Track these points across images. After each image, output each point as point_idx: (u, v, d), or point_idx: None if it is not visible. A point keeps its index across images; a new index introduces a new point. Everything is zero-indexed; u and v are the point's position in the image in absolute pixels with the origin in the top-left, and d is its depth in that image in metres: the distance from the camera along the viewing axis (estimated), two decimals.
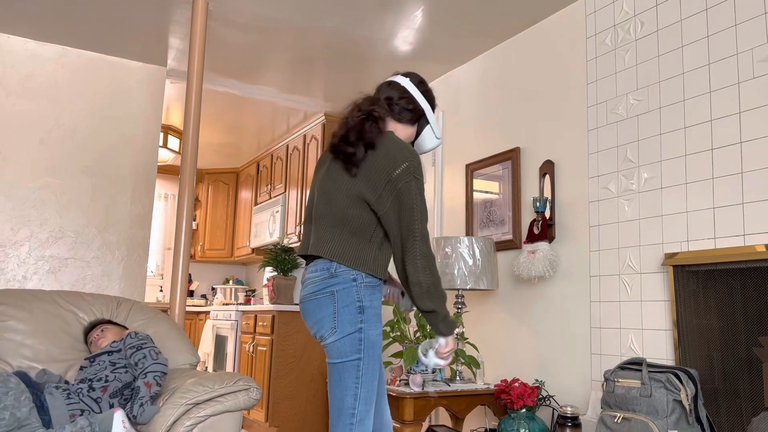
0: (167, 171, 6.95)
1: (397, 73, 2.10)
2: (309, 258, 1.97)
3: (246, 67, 4.32)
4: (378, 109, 1.95)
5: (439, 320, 1.86)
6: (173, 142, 5.60)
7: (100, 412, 2.10)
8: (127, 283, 4.15)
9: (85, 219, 4.07)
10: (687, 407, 2.20)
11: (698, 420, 2.23)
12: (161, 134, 5.40)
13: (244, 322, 5.06)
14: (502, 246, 3.53)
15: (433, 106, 2.07)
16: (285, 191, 5.74)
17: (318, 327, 1.87)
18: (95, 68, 4.21)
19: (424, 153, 2.11)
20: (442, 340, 1.90)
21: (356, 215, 1.86)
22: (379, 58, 4.10)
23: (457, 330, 3.24)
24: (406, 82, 2.03)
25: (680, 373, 2.25)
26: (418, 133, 2.07)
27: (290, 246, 5.15)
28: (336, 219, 1.88)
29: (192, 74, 3.11)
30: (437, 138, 2.08)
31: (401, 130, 2.03)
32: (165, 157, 5.66)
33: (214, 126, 5.63)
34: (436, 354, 1.91)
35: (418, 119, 2.04)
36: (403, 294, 2.14)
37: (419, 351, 1.97)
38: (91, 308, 2.58)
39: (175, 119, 5.44)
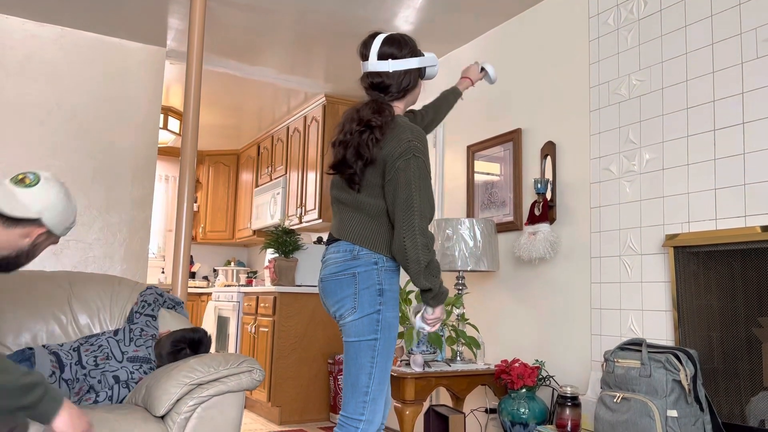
0: (168, 153, 6.94)
1: (368, 45, 2.02)
2: (331, 240, 2.03)
3: (246, 48, 4.29)
4: (376, 118, 1.93)
5: (431, 296, 1.90)
6: (173, 123, 5.58)
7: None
8: (129, 264, 4.16)
9: (86, 201, 4.08)
10: (686, 387, 2.21)
11: (697, 400, 2.25)
12: (161, 116, 5.38)
13: (245, 304, 5.08)
14: (503, 227, 3.54)
15: (419, 51, 2.07)
16: (286, 173, 5.73)
17: (338, 306, 1.93)
18: (94, 49, 4.18)
19: (434, 77, 2.16)
20: (429, 309, 1.94)
21: (371, 202, 1.93)
22: None
23: (457, 311, 3.26)
24: (391, 66, 1.98)
25: (680, 354, 2.26)
26: (422, 75, 2.09)
27: (291, 228, 5.16)
28: (355, 204, 1.95)
29: (191, 55, 3.09)
30: (435, 65, 2.10)
31: (413, 95, 2.09)
32: (165, 138, 5.65)
33: (214, 107, 5.61)
34: (423, 320, 1.97)
35: (421, 75, 2.08)
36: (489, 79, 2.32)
37: (410, 311, 2.03)
38: (93, 286, 2.59)
39: (175, 101, 5.42)
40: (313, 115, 5.31)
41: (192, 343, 2.35)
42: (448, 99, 2.49)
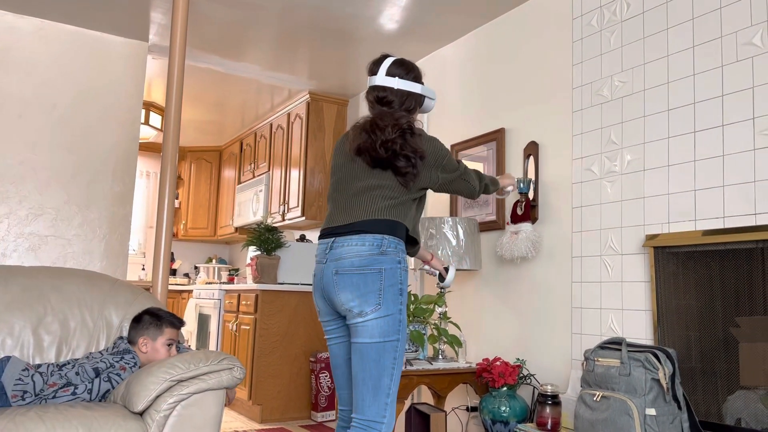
0: (149, 148, 6.87)
1: (378, 63, 2.15)
2: (345, 231, 1.99)
3: (229, 44, 4.26)
4: (404, 121, 2.05)
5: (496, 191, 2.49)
6: (155, 119, 5.53)
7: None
8: (108, 261, 4.11)
9: (66, 196, 4.02)
10: (664, 386, 2.24)
11: (675, 398, 2.27)
12: (143, 111, 5.33)
13: (227, 301, 5.05)
14: (485, 227, 3.55)
15: (421, 80, 2.20)
16: (269, 170, 5.71)
17: (360, 301, 1.90)
18: (75, 42, 4.13)
19: (428, 113, 2.40)
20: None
21: (411, 190, 2.04)
22: (365, 37, 4.06)
23: (439, 309, 3.26)
24: (397, 83, 2.11)
25: (658, 353, 2.29)
26: (420, 104, 2.21)
27: (274, 225, 5.14)
28: (393, 194, 2.01)
29: (174, 50, 3.06)
30: (433, 99, 2.24)
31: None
32: (147, 134, 5.59)
33: (196, 103, 5.57)
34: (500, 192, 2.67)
35: (420, 103, 2.19)
36: (441, 277, 2.56)
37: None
38: (72, 282, 2.55)
39: (157, 96, 5.37)
40: (297, 112, 5.29)
41: (149, 312, 2.39)
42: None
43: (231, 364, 2.15)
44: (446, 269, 2.53)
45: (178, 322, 2.41)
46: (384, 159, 1.99)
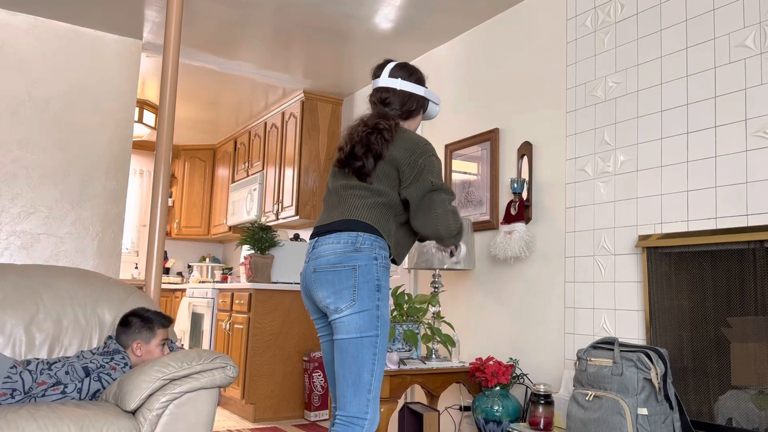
0: (143, 147, 6.86)
1: (382, 67, 2.18)
2: (324, 231, 2.03)
3: (224, 42, 4.25)
4: (383, 122, 2.05)
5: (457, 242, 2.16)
6: (149, 117, 5.51)
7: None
8: (101, 259, 4.10)
9: (59, 194, 4.01)
10: (656, 385, 2.25)
11: (667, 398, 2.28)
12: (137, 109, 5.31)
13: (220, 300, 5.04)
14: (479, 226, 3.55)
15: (424, 83, 2.23)
16: (263, 169, 5.70)
17: (335, 298, 1.93)
18: (69, 40, 4.11)
19: (433, 118, 2.34)
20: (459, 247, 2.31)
21: (384, 191, 2.00)
22: (360, 36, 4.06)
23: (433, 309, 3.27)
24: (399, 84, 2.14)
25: (650, 353, 2.30)
26: (424, 109, 2.23)
27: (268, 224, 5.13)
28: (367, 189, 2.00)
29: (168, 48, 3.05)
30: (437, 104, 2.26)
31: (413, 123, 2.21)
32: (140, 132, 5.57)
33: (191, 101, 5.55)
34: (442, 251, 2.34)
35: (423, 106, 2.21)
36: (451, 253, 2.46)
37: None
38: (64, 280, 2.54)
39: (151, 94, 5.35)
40: (291, 111, 5.28)
41: (136, 314, 2.37)
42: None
43: (224, 363, 2.15)
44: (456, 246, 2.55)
45: (167, 321, 2.40)
46: (343, 159, 2.04)
